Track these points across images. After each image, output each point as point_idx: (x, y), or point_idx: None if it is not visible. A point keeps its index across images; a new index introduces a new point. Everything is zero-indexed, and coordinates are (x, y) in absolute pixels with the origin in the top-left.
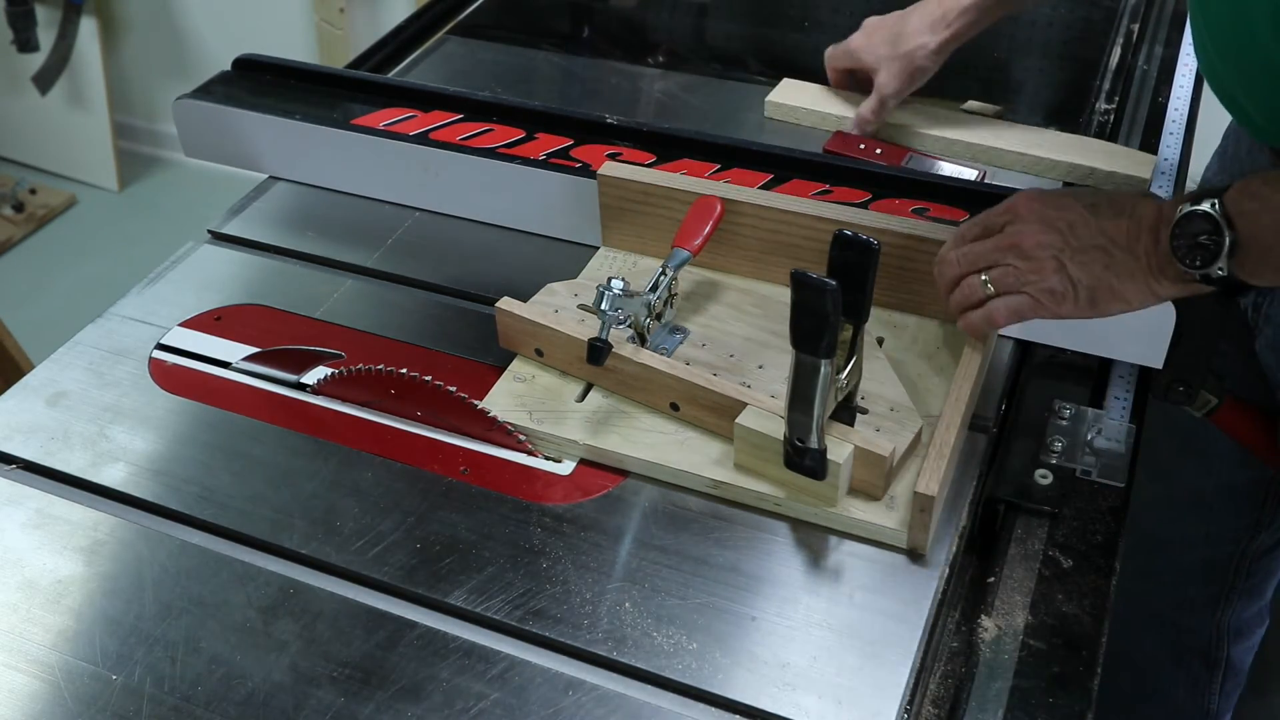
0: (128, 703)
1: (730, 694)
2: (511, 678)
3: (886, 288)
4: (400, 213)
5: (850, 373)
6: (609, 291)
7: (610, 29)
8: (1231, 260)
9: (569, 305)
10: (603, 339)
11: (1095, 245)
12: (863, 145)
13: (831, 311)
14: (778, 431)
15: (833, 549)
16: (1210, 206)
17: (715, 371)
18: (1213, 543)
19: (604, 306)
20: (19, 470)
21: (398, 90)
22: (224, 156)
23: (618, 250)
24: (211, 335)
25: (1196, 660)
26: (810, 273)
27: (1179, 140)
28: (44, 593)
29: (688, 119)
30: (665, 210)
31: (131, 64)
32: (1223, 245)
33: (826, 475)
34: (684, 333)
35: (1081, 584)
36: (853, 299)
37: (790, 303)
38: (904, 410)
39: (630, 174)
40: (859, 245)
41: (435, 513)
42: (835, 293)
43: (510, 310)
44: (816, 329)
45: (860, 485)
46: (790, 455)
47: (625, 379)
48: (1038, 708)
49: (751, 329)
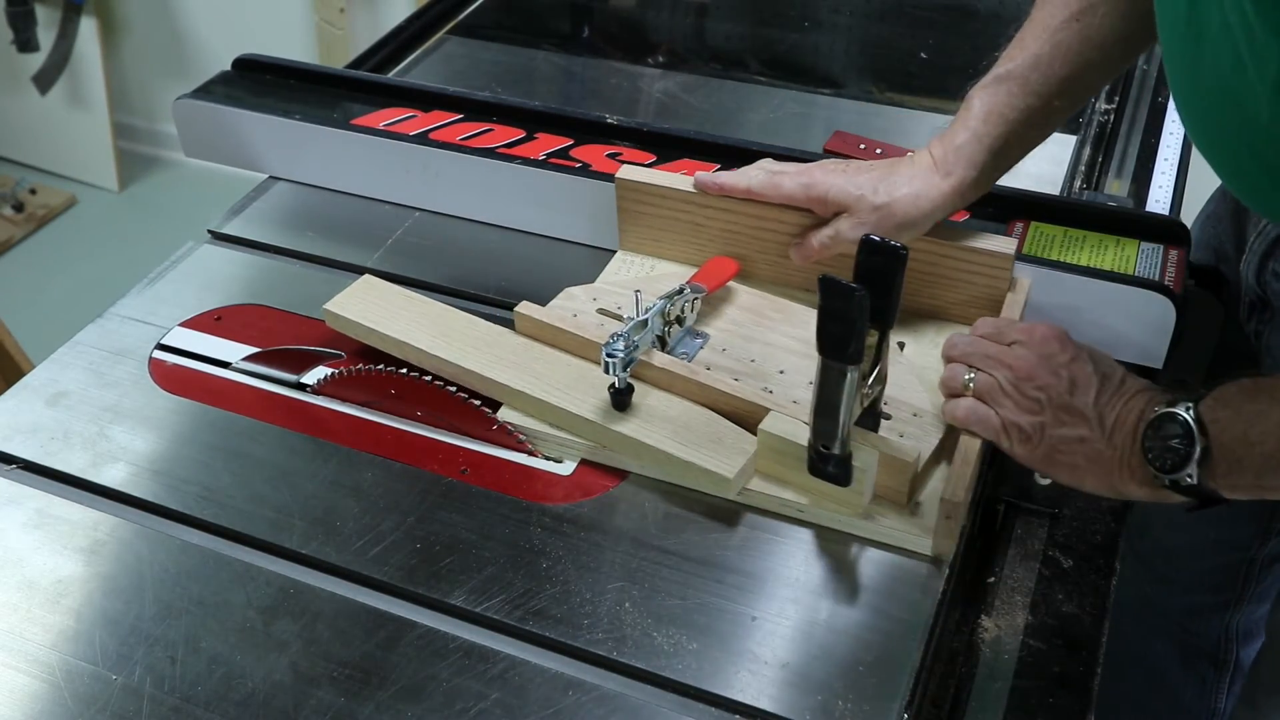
0: (128, 703)
1: (730, 694)
2: (511, 678)
3: (907, 293)
4: (400, 213)
5: (875, 379)
6: (614, 358)
7: (610, 29)
8: (1202, 469)
9: (588, 309)
10: (622, 384)
11: (1082, 415)
12: (863, 145)
13: (859, 317)
14: (801, 437)
15: (833, 549)
16: (1185, 410)
17: (736, 377)
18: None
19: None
20: (19, 470)
21: (398, 90)
22: (224, 156)
23: (635, 254)
24: (211, 335)
25: (1205, 661)
26: (838, 277)
27: (1179, 140)
28: (44, 592)
29: (688, 119)
30: (684, 214)
31: (131, 64)
32: (1193, 452)
33: (851, 482)
34: (704, 337)
35: (1081, 584)
36: (879, 304)
37: (817, 308)
38: (927, 416)
39: (648, 177)
40: (886, 250)
41: (435, 513)
42: (863, 298)
43: (530, 315)
44: (844, 335)
45: (884, 492)
46: (814, 461)
47: (645, 384)
48: (1038, 708)
49: (773, 334)
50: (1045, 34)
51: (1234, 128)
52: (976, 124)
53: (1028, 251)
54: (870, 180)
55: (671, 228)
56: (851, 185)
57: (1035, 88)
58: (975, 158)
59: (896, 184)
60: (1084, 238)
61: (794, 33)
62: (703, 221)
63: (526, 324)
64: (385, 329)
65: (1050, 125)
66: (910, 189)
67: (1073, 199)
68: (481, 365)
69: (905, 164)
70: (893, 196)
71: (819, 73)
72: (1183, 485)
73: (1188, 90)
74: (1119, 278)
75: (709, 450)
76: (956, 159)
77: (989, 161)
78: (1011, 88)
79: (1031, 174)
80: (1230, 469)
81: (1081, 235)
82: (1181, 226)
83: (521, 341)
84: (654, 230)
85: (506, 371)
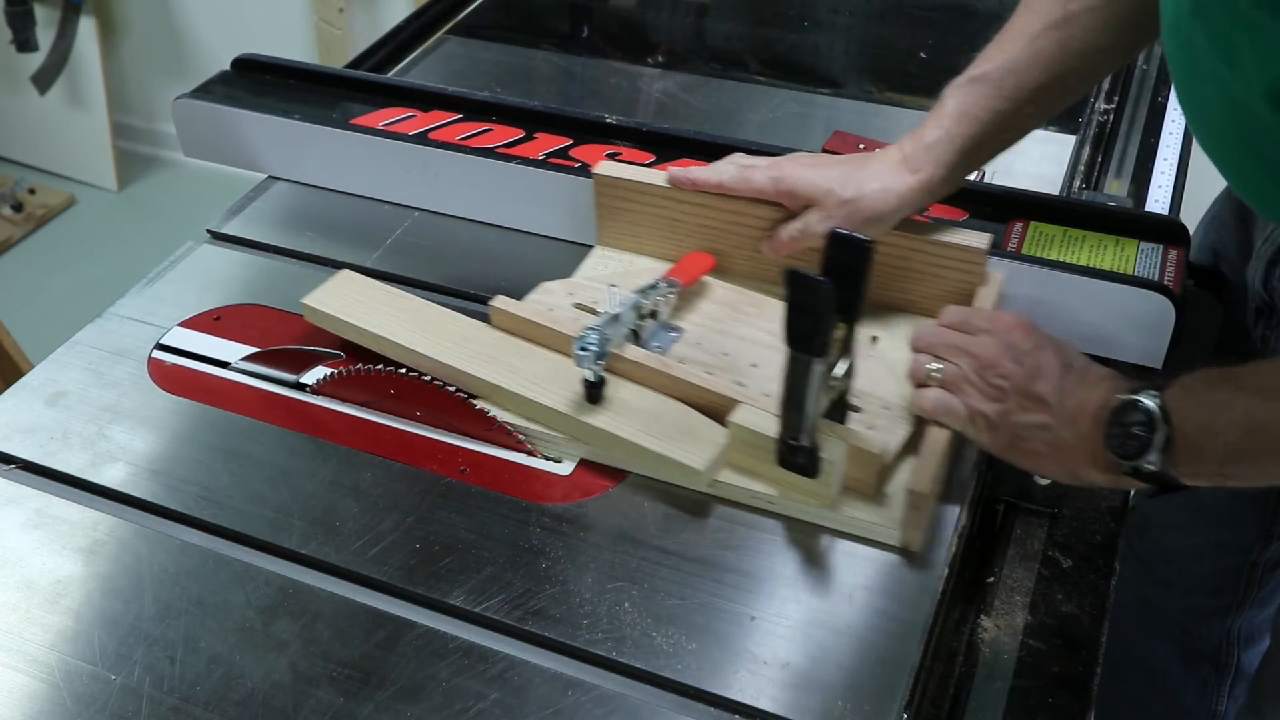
0: (127, 703)
1: (730, 694)
2: (511, 678)
3: (880, 287)
4: (399, 213)
5: (844, 371)
6: (586, 351)
7: (610, 29)
8: (1164, 456)
9: (564, 304)
10: (595, 377)
11: (1044, 402)
12: (862, 145)
13: (825, 310)
14: (770, 429)
15: (833, 549)
16: (1148, 399)
17: (709, 370)
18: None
19: (586, 356)
20: (18, 470)
21: (397, 90)
22: (223, 156)
23: (613, 249)
24: (211, 335)
25: (1206, 664)
26: (804, 271)
27: (1178, 140)
28: (43, 593)
29: (688, 119)
30: (660, 209)
31: (130, 64)
32: (1155, 440)
33: (820, 473)
34: (679, 331)
35: (1081, 584)
36: (847, 297)
37: (784, 301)
38: (897, 409)
39: (625, 173)
40: (853, 244)
41: (435, 513)
42: (829, 291)
43: (505, 309)
44: (810, 327)
45: (854, 483)
46: (784, 453)
47: (619, 377)
48: (1037, 708)
49: (747, 329)
50: (1024, 39)
51: (1236, 127)
52: (949, 123)
53: (1027, 251)
54: (839, 175)
55: (649, 223)
56: (820, 179)
57: (1009, 92)
58: (945, 157)
59: (865, 179)
60: (1083, 237)
61: (793, 33)
62: (679, 217)
63: (502, 318)
64: (363, 324)
65: (1022, 130)
66: (879, 184)
67: (1072, 199)
68: (458, 359)
69: (875, 159)
70: (861, 191)
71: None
72: (1143, 472)
73: (1189, 89)
74: (1118, 277)
75: (681, 442)
76: (926, 157)
77: (958, 161)
78: (986, 90)
79: (1031, 174)
80: (1192, 457)
81: (1081, 235)
82: (1181, 226)
83: (499, 336)
84: (631, 226)
85: (482, 365)
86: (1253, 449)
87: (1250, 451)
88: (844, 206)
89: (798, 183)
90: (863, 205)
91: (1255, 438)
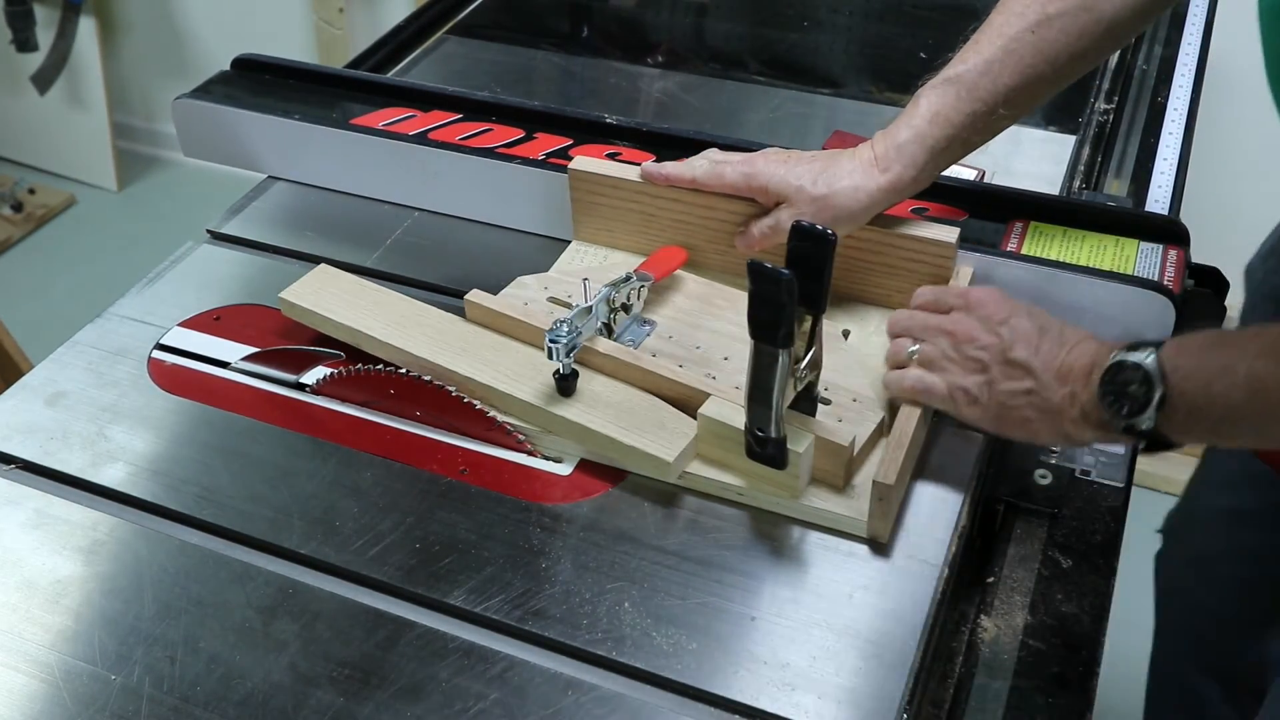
0: (127, 703)
1: (730, 694)
2: (511, 678)
3: (853, 280)
4: (399, 213)
5: (810, 363)
6: (557, 344)
7: (610, 29)
8: (1159, 414)
9: (539, 298)
10: (566, 370)
11: (1025, 367)
12: None
13: (787, 301)
14: (739, 421)
15: (833, 550)
16: (1145, 358)
17: (681, 363)
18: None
19: (557, 349)
20: (18, 470)
21: (397, 90)
22: (223, 156)
23: (589, 244)
24: (211, 335)
25: (1249, 696)
26: (766, 263)
27: (1178, 140)
28: (43, 593)
29: (687, 119)
30: (635, 204)
31: (130, 64)
32: (1152, 398)
33: (787, 465)
34: (651, 325)
35: (1081, 584)
36: (810, 288)
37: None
38: (866, 401)
39: (599, 168)
40: (816, 235)
41: (434, 513)
42: (790, 282)
43: (479, 303)
44: (773, 319)
45: (822, 475)
46: (751, 445)
47: (591, 370)
48: (1037, 708)
49: (720, 322)
50: (1000, 40)
51: None
52: (921, 124)
53: (1027, 251)
54: (810, 171)
55: (624, 218)
56: (791, 176)
57: (982, 94)
58: (916, 157)
59: (836, 176)
60: (1083, 237)
61: (793, 32)
62: (654, 211)
63: (476, 311)
64: (339, 317)
65: (993, 131)
66: (850, 182)
67: (1072, 199)
68: (432, 352)
69: (846, 157)
70: (832, 188)
71: (818, 72)
72: (1137, 430)
73: None
74: (1118, 277)
75: (650, 434)
76: (897, 156)
77: (929, 161)
78: (960, 91)
79: (1031, 174)
80: (1188, 416)
81: (1081, 235)
82: (1181, 226)
83: (473, 329)
84: (607, 220)
85: (456, 358)
86: (1252, 411)
87: (1250, 414)
88: (814, 203)
89: (769, 179)
90: (833, 202)
91: (1257, 400)
